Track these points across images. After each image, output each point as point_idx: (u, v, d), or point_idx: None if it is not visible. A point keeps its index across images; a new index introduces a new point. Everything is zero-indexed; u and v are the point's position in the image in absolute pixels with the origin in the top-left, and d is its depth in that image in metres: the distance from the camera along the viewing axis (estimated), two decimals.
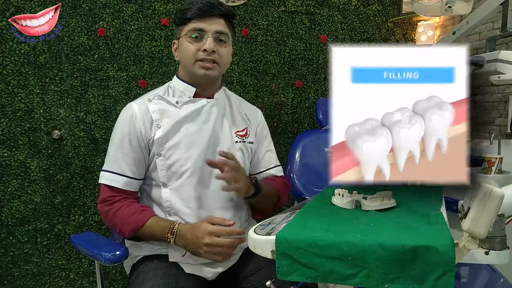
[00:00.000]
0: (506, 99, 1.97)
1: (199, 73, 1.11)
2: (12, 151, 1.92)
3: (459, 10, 1.95)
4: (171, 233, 1.06)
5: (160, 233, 1.07)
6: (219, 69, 1.13)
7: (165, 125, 1.11)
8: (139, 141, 1.10)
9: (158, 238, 1.09)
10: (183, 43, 1.12)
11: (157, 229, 1.08)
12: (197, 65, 1.10)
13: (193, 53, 1.10)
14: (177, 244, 1.07)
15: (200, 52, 1.09)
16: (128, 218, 1.08)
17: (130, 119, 1.11)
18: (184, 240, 1.06)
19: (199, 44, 1.10)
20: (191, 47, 1.10)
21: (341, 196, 0.96)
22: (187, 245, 1.06)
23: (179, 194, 1.10)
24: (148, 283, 1.05)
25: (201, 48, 1.09)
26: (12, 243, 1.94)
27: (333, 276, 0.71)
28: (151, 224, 1.08)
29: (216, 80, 1.17)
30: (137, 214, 1.09)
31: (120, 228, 1.09)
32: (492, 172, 1.70)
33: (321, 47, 2.35)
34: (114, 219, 1.09)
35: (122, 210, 1.09)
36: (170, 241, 1.06)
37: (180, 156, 1.10)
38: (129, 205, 1.10)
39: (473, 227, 0.68)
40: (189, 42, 1.10)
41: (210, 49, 1.08)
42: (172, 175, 1.11)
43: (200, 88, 1.15)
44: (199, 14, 1.08)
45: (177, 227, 1.07)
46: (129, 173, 1.11)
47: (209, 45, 1.08)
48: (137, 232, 1.08)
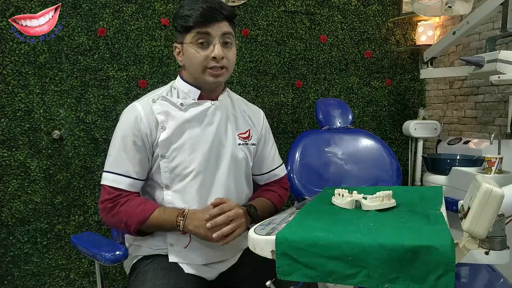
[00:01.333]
0: (506, 99, 1.97)
1: (209, 80, 1.10)
2: (12, 151, 1.92)
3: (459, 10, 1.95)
4: (181, 216, 1.05)
5: (168, 219, 1.06)
6: (227, 73, 1.12)
7: (170, 127, 1.10)
8: (143, 142, 1.09)
9: (166, 226, 1.07)
10: (188, 50, 1.09)
11: (165, 216, 1.06)
12: (207, 73, 1.09)
13: (201, 61, 1.07)
14: (186, 229, 1.06)
15: (209, 59, 1.07)
16: (134, 210, 1.07)
17: (135, 120, 1.09)
18: (197, 221, 1.05)
19: (206, 51, 1.07)
20: (198, 55, 1.07)
21: (341, 196, 0.96)
22: (200, 226, 1.04)
23: (182, 197, 1.10)
24: (148, 283, 1.04)
25: (209, 55, 1.07)
26: (12, 243, 1.94)
27: (333, 276, 0.71)
28: (158, 213, 1.07)
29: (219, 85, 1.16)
30: (142, 205, 1.08)
31: (126, 222, 1.07)
32: (492, 172, 1.70)
33: (321, 47, 2.35)
34: (118, 214, 1.08)
35: (127, 204, 1.08)
36: (179, 226, 1.05)
37: (183, 159, 1.10)
38: (133, 199, 1.09)
39: (473, 227, 0.68)
40: (196, 50, 1.07)
41: (219, 56, 1.06)
42: (175, 177, 1.10)
43: (205, 91, 1.15)
44: (202, 21, 1.06)
45: (187, 210, 1.06)
46: (133, 174, 1.10)
47: (218, 52, 1.06)
48: (143, 224, 1.07)
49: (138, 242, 1.17)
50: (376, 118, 2.48)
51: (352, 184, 1.79)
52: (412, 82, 2.53)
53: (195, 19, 1.05)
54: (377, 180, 1.80)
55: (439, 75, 2.25)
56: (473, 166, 1.88)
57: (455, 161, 2.01)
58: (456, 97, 2.34)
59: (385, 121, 2.50)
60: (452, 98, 2.37)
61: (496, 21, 1.99)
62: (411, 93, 2.54)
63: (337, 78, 2.39)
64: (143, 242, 1.16)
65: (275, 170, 1.31)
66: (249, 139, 1.21)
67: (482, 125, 2.15)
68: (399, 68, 2.50)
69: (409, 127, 2.28)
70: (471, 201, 0.70)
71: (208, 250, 1.12)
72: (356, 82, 2.42)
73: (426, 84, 2.58)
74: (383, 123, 2.50)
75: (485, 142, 2.00)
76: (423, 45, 2.41)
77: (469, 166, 1.88)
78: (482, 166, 1.78)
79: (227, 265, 1.17)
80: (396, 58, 2.49)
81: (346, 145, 1.87)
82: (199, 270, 1.12)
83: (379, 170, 1.81)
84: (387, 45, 2.46)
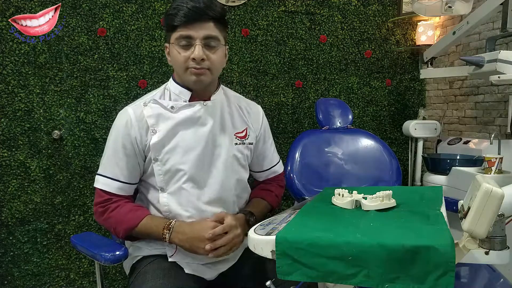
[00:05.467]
0: (506, 99, 1.97)
1: (191, 79, 1.09)
2: (12, 151, 1.92)
3: (459, 10, 1.95)
4: (167, 229, 1.06)
5: (155, 230, 1.07)
6: (210, 75, 1.10)
7: (161, 130, 1.09)
8: (133, 147, 1.10)
9: (153, 236, 1.08)
10: (172, 50, 1.09)
11: (153, 226, 1.07)
12: (188, 72, 1.08)
13: (183, 61, 1.07)
14: (172, 241, 1.06)
15: (190, 60, 1.06)
16: (123, 217, 1.08)
17: (125, 125, 1.10)
18: (182, 235, 1.05)
19: (187, 53, 1.06)
20: (179, 56, 1.07)
21: (341, 196, 0.96)
22: (185, 240, 1.04)
23: (177, 199, 1.10)
24: (148, 283, 1.04)
25: (190, 56, 1.06)
26: (12, 243, 1.94)
27: (333, 276, 0.71)
28: (146, 222, 1.07)
29: (209, 85, 1.14)
30: (132, 212, 1.08)
31: (115, 228, 1.09)
32: (492, 172, 1.70)
33: (321, 47, 2.35)
34: (109, 219, 1.09)
35: (117, 210, 1.09)
36: (165, 238, 1.06)
37: (176, 161, 1.09)
38: (124, 205, 1.10)
39: (473, 227, 0.68)
40: (178, 51, 1.07)
41: (198, 58, 1.05)
42: (170, 179, 1.10)
43: (196, 91, 1.14)
44: (185, 21, 1.04)
45: (173, 223, 1.07)
46: (121, 178, 1.10)
47: (198, 54, 1.04)
48: (131, 231, 1.08)
49: (138, 243, 1.17)
50: (376, 118, 2.48)
51: (352, 184, 1.79)
52: (412, 82, 2.53)
53: (179, 19, 1.04)
54: (377, 180, 1.80)
55: (439, 75, 2.25)
56: (473, 166, 1.88)
57: (455, 161, 2.01)
58: (456, 97, 2.34)
59: (385, 121, 2.50)
60: (452, 98, 2.37)
61: (496, 21, 1.99)
62: (411, 93, 2.54)
63: (337, 78, 2.39)
64: (143, 242, 1.16)
65: (275, 167, 1.33)
66: (246, 138, 1.21)
67: (482, 125, 2.15)
68: (399, 68, 2.50)
69: (409, 127, 2.28)
70: (471, 201, 0.70)
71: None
72: (356, 82, 2.42)
73: (426, 84, 2.58)
74: (383, 123, 2.50)
75: (485, 142, 2.00)
76: (423, 45, 2.41)
77: (469, 166, 1.88)
78: (482, 166, 1.77)
79: (227, 265, 1.17)
80: (396, 58, 2.49)
81: (346, 145, 1.87)
82: (199, 270, 1.12)
83: (379, 170, 1.81)
84: (387, 45, 2.46)
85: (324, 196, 1.06)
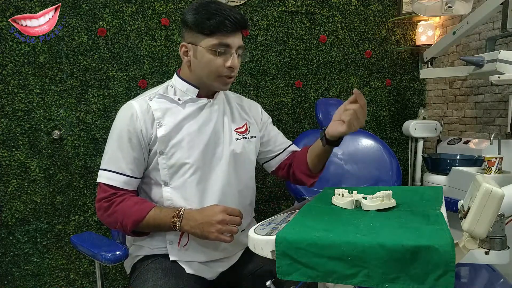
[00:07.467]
0: (506, 99, 1.97)
1: (219, 87, 1.13)
2: (12, 151, 1.92)
3: (459, 10, 1.95)
4: (177, 216, 1.05)
5: (165, 219, 1.06)
6: (232, 80, 1.15)
7: (167, 123, 1.10)
8: (139, 140, 1.09)
9: (162, 226, 1.07)
10: (204, 54, 1.08)
11: (162, 216, 1.06)
12: (219, 80, 1.10)
13: (217, 68, 1.08)
14: (183, 229, 1.05)
15: (224, 68, 1.08)
16: (130, 209, 1.06)
17: (130, 118, 1.10)
18: (193, 221, 1.04)
19: (223, 60, 1.08)
20: (214, 63, 1.08)
21: (341, 196, 0.96)
22: (196, 226, 1.04)
23: (182, 193, 1.10)
24: (149, 283, 1.04)
25: (225, 64, 1.08)
26: (12, 243, 1.94)
27: (333, 276, 0.71)
28: (154, 213, 1.06)
29: None
30: (138, 205, 1.07)
31: (122, 221, 1.07)
32: (492, 172, 1.70)
33: (321, 47, 2.35)
34: (114, 213, 1.07)
35: (123, 203, 1.07)
36: (176, 226, 1.05)
37: (182, 155, 1.10)
38: (129, 199, 1.08)
39: (473, 227, 0.68)
40: (213, 56, 1.08)
41: (236, 67, 1.10)
42: (174, 173, 1.10)
43: (203, 90, 1.15)
44: (230, 30, 1.06)
45: (183, 211, 1.06)
46: (128, 172, 1.10)
47: (236, 63, 1.09)
48: (139, 223, 1.06)
49: (139, 242, 1.17)
50: (376, 118, 2.49)
51: (352, 184, 1.79)
52: (412, 82, 2.53)
53: (223, 26, 1.06)
54: (377, 180, 1.80)
55: (439, 75, 2.25)
56: (473, 166, 1.88)
57: (455, 161, 2.01)
58: (456, 97, 2.34)
59: (385, 121, 2.50)
60: (452, 98, 2.38)
61: (496, 21, 1.99)
62: (411, 93, 2.54)
63: (337, 78, 2.39)
64: (144, 242, 1.16)
65: (290, 147, 1.34)
66: (247, 133, 1.23)
67: (482, 125, 2.15)
68: (399, 68, 2.50)
69: (409, 127, 2.28)
70: (471, 201, 0.70)
71: (209, 248, 1.12)
72: (356, 82, 2.42)
73: (426, 84, 2.58)
74: (383, 123, 2.50)
75: (485, 142, 2.00)
76: (423, 45, 2.41)
77: (469, 166, 1.88)
78: (482, 166, 1.78)
79: (228, 265, 1.17)
80: (396, 58, 2.49)
81: (346, 145, 1.87)
82: (200, 270, 1.12)
83: (379, 170, 1.82)
84: (387, 45, 2.46)
85: (324, 196, 1.06)
